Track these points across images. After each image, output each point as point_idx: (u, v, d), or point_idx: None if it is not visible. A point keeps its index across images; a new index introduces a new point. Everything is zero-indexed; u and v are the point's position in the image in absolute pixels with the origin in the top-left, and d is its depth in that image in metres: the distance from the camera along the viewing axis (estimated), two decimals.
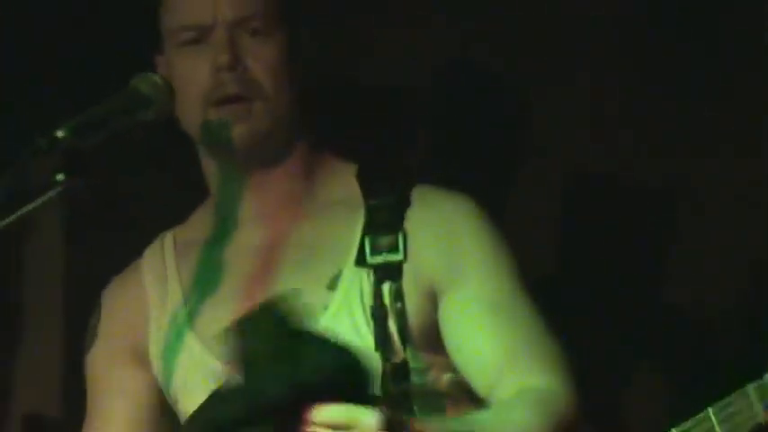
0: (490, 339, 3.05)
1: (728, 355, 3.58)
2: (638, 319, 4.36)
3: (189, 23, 3.13)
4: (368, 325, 3.00)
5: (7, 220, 2.62)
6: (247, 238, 3.16)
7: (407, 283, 2.99)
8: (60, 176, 2.63)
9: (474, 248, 3.10)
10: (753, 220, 4.41)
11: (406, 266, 2.99)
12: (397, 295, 2.97)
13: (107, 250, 5.08)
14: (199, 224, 3.27)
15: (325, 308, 3.02)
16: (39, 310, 5.49)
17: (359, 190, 3.11)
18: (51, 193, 2.64)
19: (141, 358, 3.23)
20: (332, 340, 2.69)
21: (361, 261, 3.01)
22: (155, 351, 3.20)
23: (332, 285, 3.04)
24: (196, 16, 3.11)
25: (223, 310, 3.04)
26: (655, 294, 4.53)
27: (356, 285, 3.02)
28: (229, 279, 3.14)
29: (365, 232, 3.04)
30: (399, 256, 2.99)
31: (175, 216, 3.50)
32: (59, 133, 2.65)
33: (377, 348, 2.94)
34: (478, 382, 3.05)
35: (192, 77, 3.11)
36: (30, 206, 2.64)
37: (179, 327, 3.14)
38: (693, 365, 3.66)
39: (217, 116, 3.09)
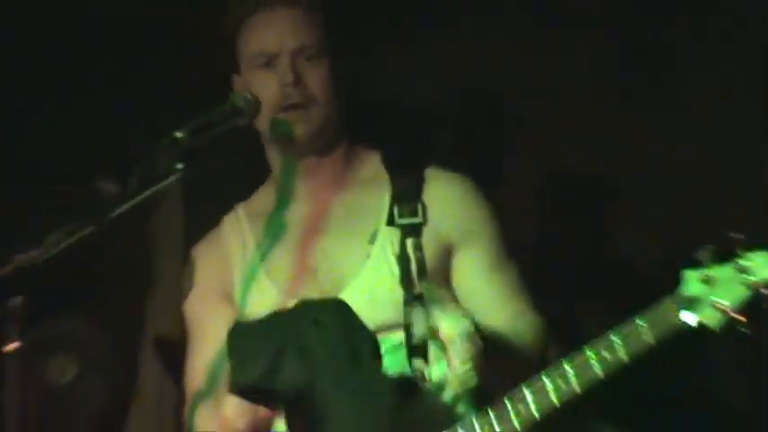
0: (493, 289, 3.42)
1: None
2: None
3: (262, 52, 3.40)
4: (397, 267, 3.27)
5: (141, 197, 2.85)
6: (302, 207, 3.40)
7: (426, 239, 3.27)
8: (180, 165, 2.88)
9: (479, 217, 3.42)
10: None
11: (425, 228, 3.28)
12: (417, 247, 3.26)
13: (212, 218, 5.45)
14: (263, 199, 3.48)
15: (368, 256, 3.29)
16: (165, 263, 5.80)
17: (383, 171, 3.42)
18: (173, 178, 2.89)
19: (228, 298, 3.40)
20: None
21: (391, 222, 3.30)
22: (238, 292, 3.39)
23: (371, 240, 3.30)
24: (267, 47, 3.40)
25: (286, 258, 3.32)
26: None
27: (388, 240, 3.30)
28: (289, 236, 3.37)
29: (392, 202, 3.32)
30: (419, 219, 3.27)
31: (243, 193, 3.73)
32: (178, 134, 2.90)
33: (401, 284, 3.22)
34: (483, 317, 3.24)
35: (264, 91, 3.34)
36: (159, 187, 2.89)
37: (253, 270, 3.35)
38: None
39: (284, 119, 3.36)
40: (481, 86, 4.48)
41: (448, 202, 3.38)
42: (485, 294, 3.41)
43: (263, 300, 3.32)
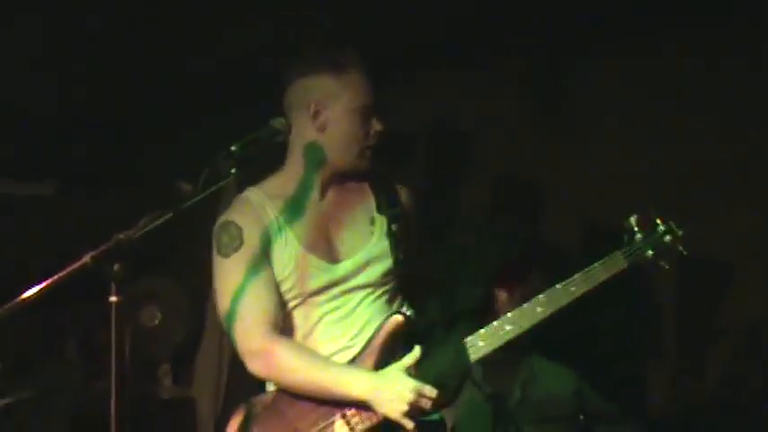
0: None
1: None
2: None
3: (367, 104, 3.27)
4: (388, 241, 3.30)
5: (209, 191, 2.87)
6: (316, 200, 3.33)
7: (402, 224, 3.33)
8: (234, 170, 2.90)
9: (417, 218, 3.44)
10: None
11: (398, 218, 3.33)
12: (398, 228, 3.31)
13: None
14: (276, 185, 3.35)
15: (372, 233, 3.30)
16: None
17: (363, 182, 3.39)
18: (228, 179, 2.92)
19: (269, 260, 3.25)
20: None
21: (380, 212, 3.34)
22: (277, 257, 3.24)
23: (372, 222, 3.32)
24: (369, 101, 3.28)
25: (311, 232, 3.26)
26: None
27: (381, 223, 3.32)
28: (308, 216, 3.29)
29: (377, 198, 3.37)
30: (398, 211, 3.33)
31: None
32: (233, 148, 2.91)
33: (391, 253, 3.28)
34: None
35: (360, 133, 3.28)
36: (218, 186, 2.91)
37: (287, 239, 3.25)
38: None
39: (367, 155, 3.31)
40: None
41: (412, 202, 3.43)
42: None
43: (297, 261, 3.24)
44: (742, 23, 4.27)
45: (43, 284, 2.66)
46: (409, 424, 3.07)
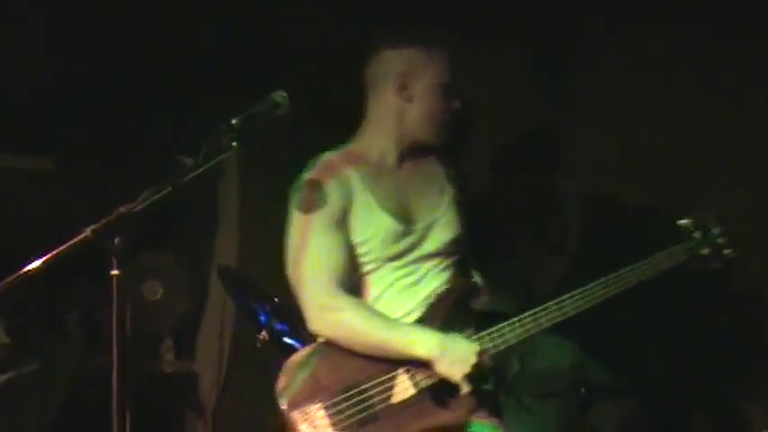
0: None
1: None
2: None
3: (448, 83, 3.40)
4: (454, 209, 3.45)
5: (209, 165, 2.81)
6: (393, 168, 3.44)
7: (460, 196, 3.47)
8: (234, 144, 2.86)
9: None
10: None
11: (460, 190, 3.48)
12: (462, 201, 3.46)
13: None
14: (358, 151, 3.46)
15: (442, 202, 3.43)
16: (227, 213, 5.86)
17: (430, 153, 3.51)
18: (228, 153, 2.87)
19: (346, 222, 3.32)
20: None
21: (449, 182, 3.49)
22: (361, 221, 3.33)
23: (441, 191, 3.45)
24: (451, 80, 3.41)
25: (391, 199, 3.36)
26: None
27: (450, 193, 3.46)
28: (388, 183, 3.40)
29: (447, 172, 3.51)
30: (461, 183, 3.48)
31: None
32: (233, 121, 2.88)
33: (457, 222, 3.42)
34: None
35: (439, 108, 3.41)
36: (219, 159, 2.85)
37: (370, 205, 3.34)
38: None
39: (442, 129, 3.44)
40: None
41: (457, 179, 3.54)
42: None
43: (380, 226, 3.33)
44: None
45: (44, 258, 2.66)
46: (466, 387, 3.17)
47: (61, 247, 2.67)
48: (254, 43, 5.08)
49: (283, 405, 3.28)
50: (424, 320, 3.30)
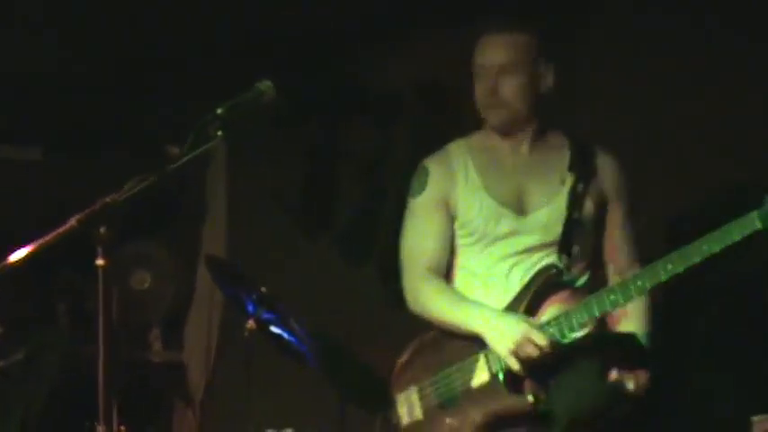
0: (625, 234, 3.54)
1: None
2: None
3: (479, 64, 3.52)
4: (568, 198, 3.43)
5: (194, 154, 2.79)
6: (509, 158, 3.53)
7: (591, 189, 3.46)
8: (220, 133, 2.86)
9: (623, 183, 3.54)
10: None
11: (592, 181, 3.46)
12: (584, 190, 3.44)
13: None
14: (479, 139, 3.59)
15: (558, 193, 3.43)
16: (214, 202, 5.83)
17: (564, 141, 3.54)
18: (214, 142, 2.85)
19: (446, 205, 3.52)
20: None
21: (570, 170, 3.46)
22: (462, 201, 3.49)
23: (562, 182, 3.45)
24: (482, 61, 3.51)
25: (499, 185, 3.47)
26: None
27: (570, 181, 3.44)
28: (501, 168, 3.51)
29: (572, 160, 3.48)
30: (588, 173, 3.45)
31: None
32: (218, 110, 2.87)
33: (567, 209, 3.42)
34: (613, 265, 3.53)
35: (476, 92, 3.53)
36: (205, 148, 2.84)
37: (476, 186, 3.49)
38: None
39: (486, 113, 3.52)
40: None
41: (609, 169, 3.52)
42: (619, 238, 3.54)
43: (482, 206, 3.47)
44: None
45: (30, 248, 2.66)
46: (514, 364, 3.28)
47: (47, 237, 2.66)
48: (241, 35, 5.05)
49: (392, 390, 3.53)
50: (512, 303, 3.41)
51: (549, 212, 3.44)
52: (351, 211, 5.33)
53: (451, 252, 3.57)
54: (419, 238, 3.58)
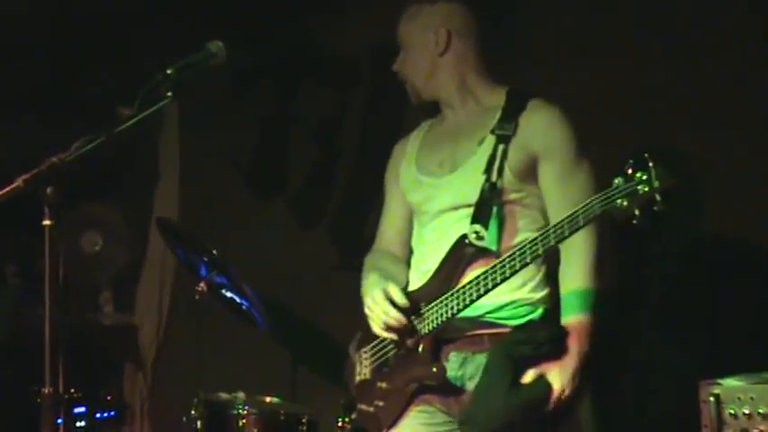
0: (565, 192, 3.28)
1: None
2: None
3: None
4: (485, 162, 3.31)
5: (143, 115, 2.77)
6: (449, 124, 3.50)
7: (515, 147, 3.31)
8: (170, 93, 2.83)
9: (558, 137, 3.33)
10: None
11: (514, 139, 3.31)
12: (504, 151, 3.31)
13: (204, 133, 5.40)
14: (438, 118, 3.56)
15: (474, 153, 3.33)
16: (167, 164, 5.84)
17: (501, 99, 3.41)
18: (164, 102, 2.83)
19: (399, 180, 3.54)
20: None
21: (492, 132, 3.33)
22: (401, 176, 3.52)
23: (480, 143, 3.34)
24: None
25: (429, 152, 3.47)
26: None
27: (490, 143, 3.32)
28: (437, 138, 3.49)
29: (499, 119, 3.36)
30: (509, 132, 3.31)
31: None
32: (168, 71, 2.84)
33: (483, 173, 3.29)
34: (555, 212, 3.27)
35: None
36: (154, 108, 2.81)
37: (410, 160, 3.51)
38: None
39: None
40: None
41: (538, 124, 3.33)
42: (557, 196, 3.33)
43: (407, 177, 3.50)
44: None
45: None
46: (378, 331, 3.35)
47: None
48: None
49: (356, 346, 3.55)
50: (431, 280, 3.34)
51: (461, 173, 3.36)
52: (303, 175, 5.32)
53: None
54: (382, 217, 3.65)
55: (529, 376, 3.17)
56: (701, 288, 4.03)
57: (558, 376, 3.16)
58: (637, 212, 2.82)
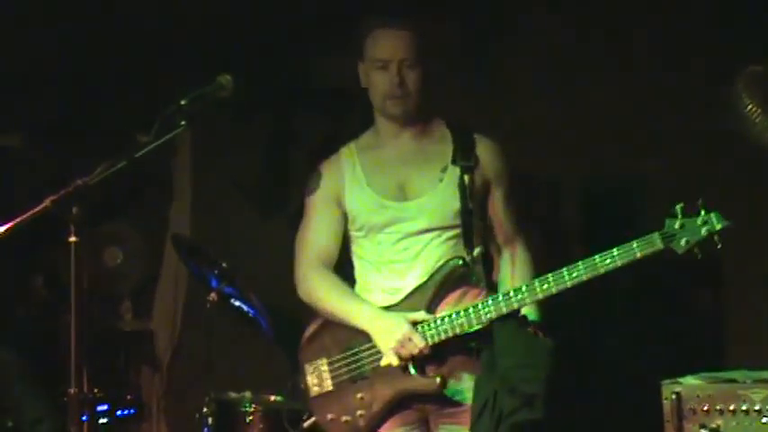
0: (508, 213, 3.50)
1: None
2: None
3: (381, 58, 3.43)
4: (458, 190, 3.38)
5: (160, 142, 2.88)
6: (394, 150, 3.48)
7: (476, 175, 3.41)
8: (183, 123, 2.92)
9: (503, 167, 3.49)
10: None
11: (476, 170, 3.41)
12: (470, 180, 3.39)
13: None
14: (367, 140, 3.53)
15: (441, 180, 3.39)
16: (180, 185, 5.77)
17: (445, 131, 3.49)
18: (179, 131, 2.92)
19: (337, 202, 3.48)
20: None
21: (454, 162, 3.40)
22: (348, 197, 3.46)
23: (443, 170, 3.40)
24: (384, 55, 3.43)
25: (381, 177, 3.44)
26: None
27: (453, 173, 3.39)
28: (384, 165, 3.47)
29: (455, 151, 3.42)
30: (471, 163, 3.39)
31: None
32: (182, 102, 2.94)
33: (461, 200, 3.37)
34: (500, 238, 3.50)
35: (379, 84, 3.44)
36: (170, 136, 2.92)
37: (360, 181, 3.45)
38: None
39: (391, 103, 3.44)
40: None
41: (489, 155, 3.46)
42: (503, 215, 3.49)
43: (364, 199, 3.44)
44: None
45: (7, 225, 2.65)
46: (394, 360, 3.29)
47: (23, 216, 2.66)
48: (202, 33, 5.02)
49: (300, 359, 3.49)
50: (411, 295, 3.37)
51: (430, 198, 3.40)
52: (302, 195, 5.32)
53: (351, 244, 3.56)
54: (310, 233, 3.55)
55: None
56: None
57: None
58: (696, 251, 3.07)
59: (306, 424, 3.49)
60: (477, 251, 3.42)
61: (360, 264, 3.54)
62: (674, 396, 3.06)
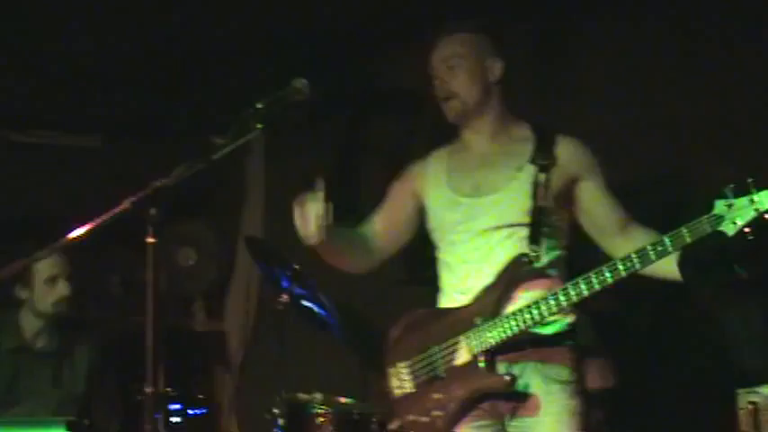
0: (608, 204, 3.37)
1: None
2: None
3: (432, 65, 3.46)
4: (530, 188, 3.30)
5: (236, 144, 2.81)
6: (476, 151, 3.45)
7: (556, 174, 3.32)
8: (259, 126, 2.84)
9: (592, 162, 3.37)
10: None
11: (554, 168, 3.31)
12: (547, 179, 3.31)
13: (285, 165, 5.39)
14: (454, 145, 3.50)
15: (515, 178, 3.31)
16: (253, 187, 5.86)
17: (528, 133, 3.42)
18: (255, 133, 2.84)
19: (414, 194, 3.52)
20: None
21: (532, 162, 3.33)
22: (427, 195, 3.48)
23: (519, 169, 3.33)
24: (434, 62, 3.46)
25: (461, 177, 3.41)
26: None
27: (529, 171, 3.32)
28: (466, 164, 3.44)
29: (534, 151, 3.35)
30: (548, 162, 3.31)
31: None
32: (258, 105, 2.87)
33: (531, 198, 3.28)
34: (601, 223, 3.37)
35: (435, 85, 3.45)
36: (244, 139, 2.84)
37: (440, 182, 3.45)
38: None
39: (444, 107, 3.45)
40: None
41: (572, 152, 3.37)
42: (606, 205, 3.38)
43: (440, 197, 3.44)
44: None
45: (88, 226, 2.65)
46: (466, 355, 3.25)
47: (103, 217, 2.65)
48: (279, 38, 5.00)
49: (384, 362, 3.46)
50: (485, 290, 3.30)
51: (503, 196, 3.33)
52: (374, 198, 5.30)
53: (434, 250, 3.51)
54: (376, 212, 3.63)
55: None
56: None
57: None
58: (747, 230, 2.89)
59: (391, 427, 3.42)
60: (556, 253, 3.34)
61: (438, 266, 3.49)
62: (750, 406, 2.98)
